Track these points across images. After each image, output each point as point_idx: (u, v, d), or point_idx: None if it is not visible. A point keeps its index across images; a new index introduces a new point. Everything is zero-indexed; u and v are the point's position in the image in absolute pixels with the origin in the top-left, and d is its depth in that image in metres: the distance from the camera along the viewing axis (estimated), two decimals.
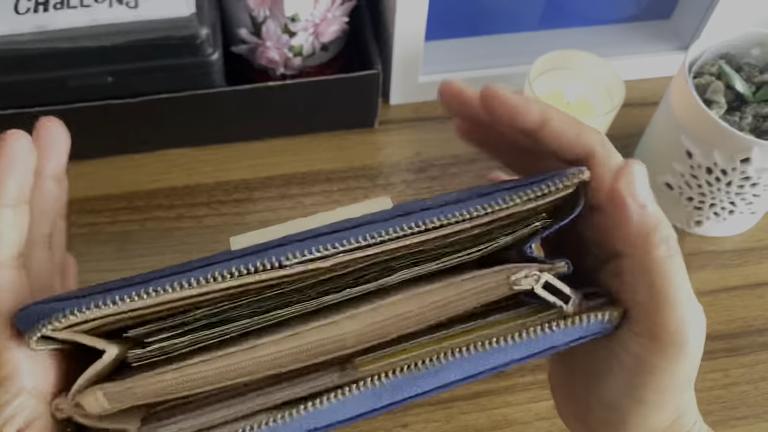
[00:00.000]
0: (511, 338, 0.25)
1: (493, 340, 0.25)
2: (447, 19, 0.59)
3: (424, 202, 0.25)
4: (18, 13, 0.47)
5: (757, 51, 0.50)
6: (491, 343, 0.25)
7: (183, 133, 0.55)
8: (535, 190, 0.25)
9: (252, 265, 0.23)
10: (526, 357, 0.25)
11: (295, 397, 0.24)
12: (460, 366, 0.25)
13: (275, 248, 0.24)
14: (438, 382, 0.25)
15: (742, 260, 0.52)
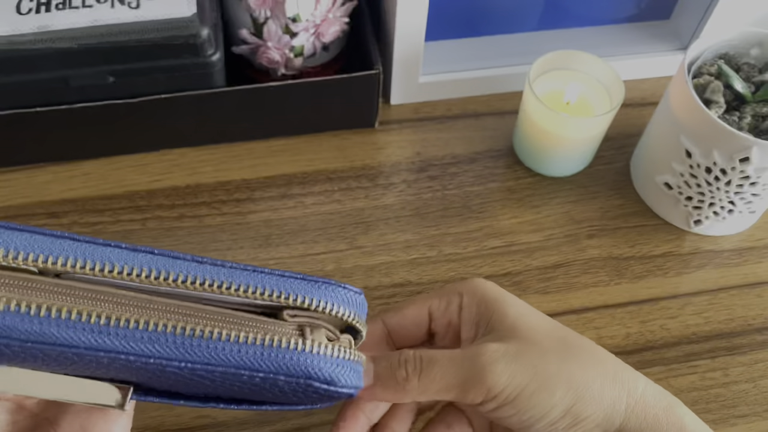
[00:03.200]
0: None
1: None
2: (447, 19, 0.59)
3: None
4: (20, 13, 0.47)
5: (756, 51, 0.50)
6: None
7: (184, 133, 0.55)
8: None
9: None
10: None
11: None
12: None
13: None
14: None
15: (741, 259, 0.53)
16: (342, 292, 0.27)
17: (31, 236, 0.25)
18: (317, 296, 0.26)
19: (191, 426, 0.44)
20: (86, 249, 0.25)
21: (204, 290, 0.25)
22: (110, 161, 0.55)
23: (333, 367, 0.26)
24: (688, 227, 0.53)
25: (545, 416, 0.30)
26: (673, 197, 0.52)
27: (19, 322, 0.24)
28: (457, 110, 0.60)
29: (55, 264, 0.24)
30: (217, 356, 0.24)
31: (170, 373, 0.25)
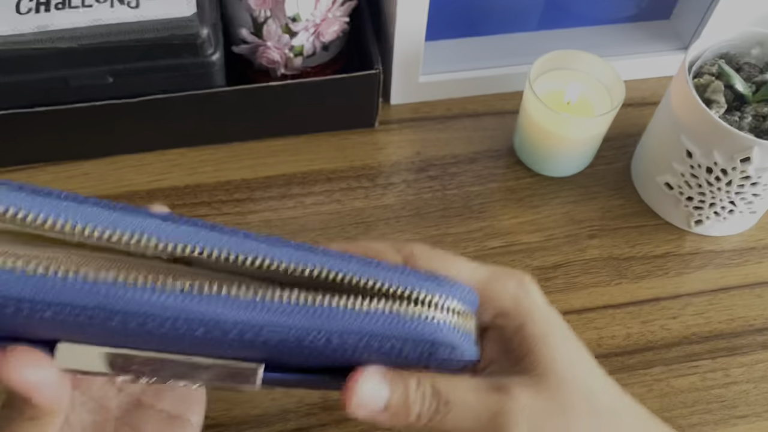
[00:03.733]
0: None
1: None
2: (447, 19, 0.59)
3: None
4: (19, 13, 0.47)
5: (757, 51, 0.50)
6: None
7: (183, 133, 0.55)
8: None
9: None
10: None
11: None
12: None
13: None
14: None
15: (742, 260, 0.53)
16: (456, 287, 0.26)
17: (152, 221, 0.24)
18: (439, 291, 0.25)
19: None
20: (210, 236, 0.24)
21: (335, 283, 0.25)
22: (109, 161, 0.55)
23: (458, 337, 0.25)
24: (688, 227, 0.53)
25: None
26: (673, 197, 0.52)
27: (164, 298, 0.23)
28: (457, 110, 0.59)
29: (181, 251, 0.24)
30: (355, 324, 0.24)
31: (301, 346, 0.24)
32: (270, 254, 0.24)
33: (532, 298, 0.29)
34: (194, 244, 0.24)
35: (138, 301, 0.22)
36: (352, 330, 0.24)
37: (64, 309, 0.22)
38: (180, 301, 0.23)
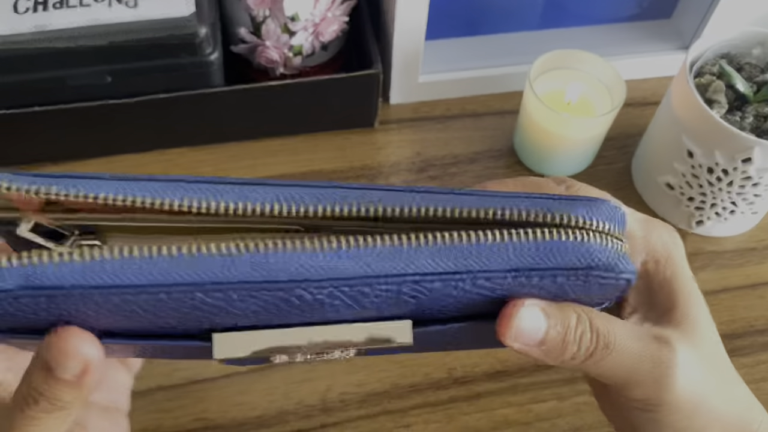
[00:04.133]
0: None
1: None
2: (447, 19, 0.59)
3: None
4: (17, 13, 0.47)
5: (758, 50, 0.50)
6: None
7: (182, 132, 0.55)
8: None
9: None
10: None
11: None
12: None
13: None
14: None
15: (743, 260, 0.52)
16: (606, 208, 0.24)
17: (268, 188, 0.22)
18: (585, 215, 0.23)
19: (189, 428, 0.43)
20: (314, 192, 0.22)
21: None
22: (108, 161, 0.55)
23: (614, 256, 0.23)
24: (689, 228, 0.53)
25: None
26: (674, 198, 0.52)
27: (306, 258, 0.21)
28: (457, 110, 0.59)
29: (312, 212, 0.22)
30: (503, 258, 0.22)
31: (445, 295, 0.22)
32: (428, 202, 0.22)
33: (681, 253, 0.29)
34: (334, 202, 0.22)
35: (302, 266, 0.21)
36: (508, 267, 0.22)
37: (233, 288, 0.21)
38: (337, 259, 0.21)
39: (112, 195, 0.21)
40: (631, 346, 0.26)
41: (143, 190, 0.21)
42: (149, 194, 0.21)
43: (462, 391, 0.45)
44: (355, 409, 0.44)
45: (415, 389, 0.45)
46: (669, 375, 0.26)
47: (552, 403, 0.45)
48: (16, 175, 0.21)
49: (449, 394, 0.45)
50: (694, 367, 0.27)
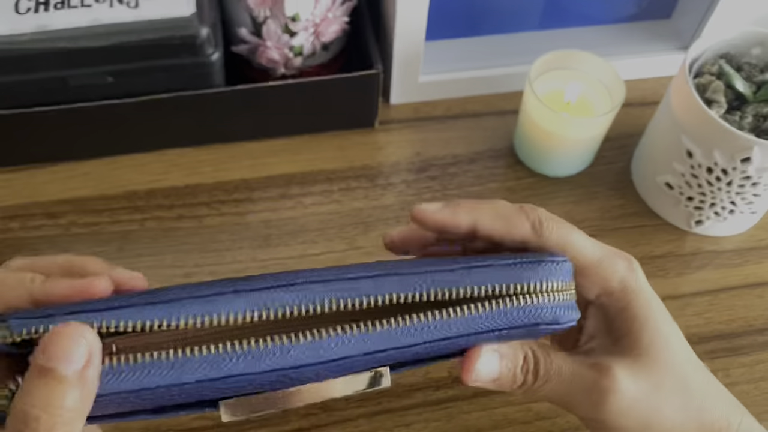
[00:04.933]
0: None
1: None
2: (447, 19, 0.59)
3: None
4: (18, 13, 0.47)
5: (758, 50, 0.50)
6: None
7: (183, 132, 0.55)
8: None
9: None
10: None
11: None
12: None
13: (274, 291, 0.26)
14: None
15: (742, 260, 0.52)
16: (553, 267, 0.29)
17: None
18: (534, 280, 0.28)
19: (191, 427, 0.43)
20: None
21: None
22: (109, 161, 0.55)
23: (558, 310, 0.28)
24: (688, 227, 0.53)
25: None
26: (674, 197, 0.52)
27: (314, 349, 0.26)
28: (457, 110, 0.59)
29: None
30: (471, 327, 0.27)
31: (422, 350, 0.27)
32: (384, 290, 0.27)
33: (638, 282, 0.31)
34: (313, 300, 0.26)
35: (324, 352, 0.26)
36: (467, 332, 0.27)
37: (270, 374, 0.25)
38: (356, 342, 0.26)
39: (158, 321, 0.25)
40: (566, 377, 0.30)
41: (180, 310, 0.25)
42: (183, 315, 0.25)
43: (462, 390, 0.45)
44: (355, 407, 0.44)
45: (416, 388, 0.45)
46: (604, 401, 0.29)
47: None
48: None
49: (449, 393, 0.45)
50: (636, 391, 0.29)
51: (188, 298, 0.25)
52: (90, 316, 0.24)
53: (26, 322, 0.24)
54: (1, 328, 0.24)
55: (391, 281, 0.27)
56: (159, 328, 0.24)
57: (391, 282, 0.27)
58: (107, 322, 0.24)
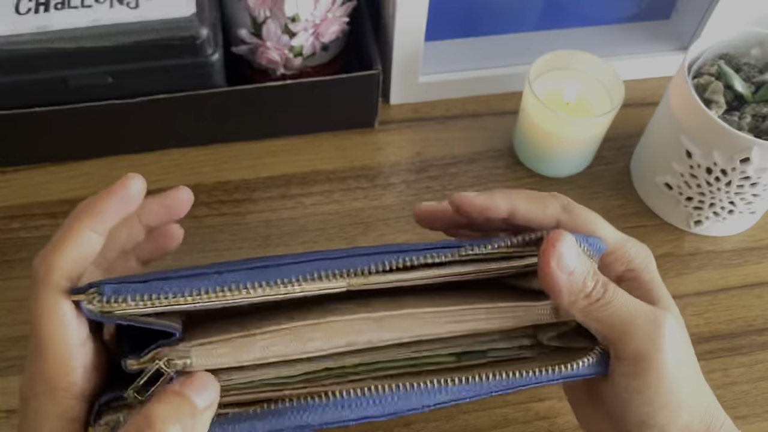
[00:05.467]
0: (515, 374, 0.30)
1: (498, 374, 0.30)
2: (447, 19, 0.59)
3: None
4: (19, 13, 0.47)
5: (757, 51, 0.50)
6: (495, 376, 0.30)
7: (183, 133, 0.55)
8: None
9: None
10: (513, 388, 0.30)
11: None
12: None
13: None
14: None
15: (741, 260, 0.53)
16: (584, 238, 0.31)
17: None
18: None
19: None
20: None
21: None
22: (109, 161, 0.55)
23: (586, 371, 0.31)
24: (688, 228, 0.53)
25: (653, 410, 0.31)
26: (673, 197, 0.52)
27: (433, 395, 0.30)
28: (457, 110, 0.59)
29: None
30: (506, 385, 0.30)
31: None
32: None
33: (654, 266, 0.34)
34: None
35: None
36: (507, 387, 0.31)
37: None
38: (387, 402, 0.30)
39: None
40: (630, 302, 0.31)
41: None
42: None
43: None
44: None
45: None
46: (660, 334, 0.30)
47: (551, 402, 0.45)
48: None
49: None
50: (679, 338, 0.31)
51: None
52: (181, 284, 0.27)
53: (117, 287, 0.26)
54: (92, 295, 0.26)
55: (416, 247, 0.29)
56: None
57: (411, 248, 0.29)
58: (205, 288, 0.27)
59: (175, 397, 0.26)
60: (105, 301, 0.26)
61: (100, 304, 0.26)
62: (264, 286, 0.27)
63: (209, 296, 0.26)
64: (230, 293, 0.27)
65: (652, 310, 0.31)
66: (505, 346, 0.32)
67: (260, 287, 0.27)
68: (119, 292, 0.26)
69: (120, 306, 0.26)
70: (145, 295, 0.26)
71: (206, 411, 0.26)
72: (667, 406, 0.30)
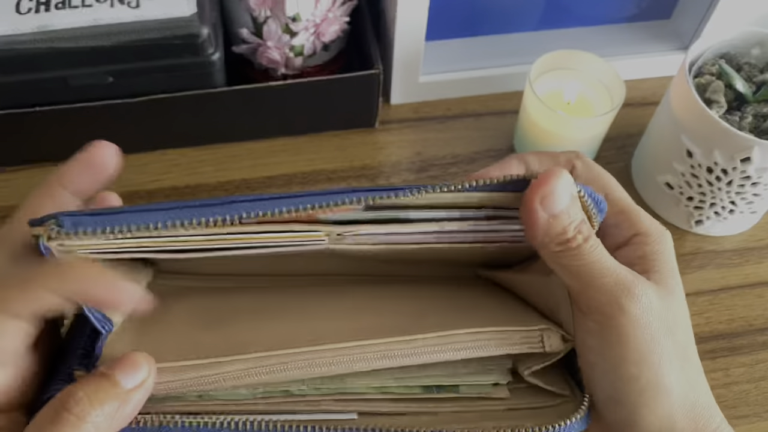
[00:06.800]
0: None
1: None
2: (447, 19, 0.59)
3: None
4: (19, 13, 0.47)
5: (757, 50, 0.50)
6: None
7: (184, 132, 0.55)
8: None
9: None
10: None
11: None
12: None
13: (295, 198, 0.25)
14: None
15: (742, 259, 0.53)
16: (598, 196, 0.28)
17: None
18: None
19: None
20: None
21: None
22: None
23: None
24: (689, 227, 0.53)
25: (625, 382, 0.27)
26: (674, 197, 0.52)
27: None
28: (458, 110, 0.59)
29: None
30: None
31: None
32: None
33: (671, 246, 0.31)
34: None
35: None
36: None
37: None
38: None
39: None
40: (606, 261, 0.28)
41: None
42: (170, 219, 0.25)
43: None
44: None
45: None
46: (629, 298, 0.27)
47: None
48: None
49: None
50: (655, 311, 0.27)
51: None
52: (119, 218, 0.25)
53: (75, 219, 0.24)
54: (50, 226, 0.24)
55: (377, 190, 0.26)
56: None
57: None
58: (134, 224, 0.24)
59: (99, 378, 0.24)
60: (65, 234, 0.24)
61: (59, 238, 0.24)
62: (228, 221, 0.25)
63: (169, 230, 0.24)
64: (194, 227, 0.25)
65: (629, 275, 0.28)
66: (479, 381, 0.28)
67: (224, 222, 0.24)
68: (79, 224, 0.24)
69: (80, 239, 0.24)
70: (107, 228, 0.24)
71: (134, 392, 0.25)
72: (636, 381, 0.27)
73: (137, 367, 0.25)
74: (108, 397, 0.24)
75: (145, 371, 0.25)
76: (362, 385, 0.27)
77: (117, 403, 0.24)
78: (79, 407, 0.23)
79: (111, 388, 0.24)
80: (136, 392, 0.25)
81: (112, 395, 0.24)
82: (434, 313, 0.28)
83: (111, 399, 0.24)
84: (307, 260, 0.29)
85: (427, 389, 0.28)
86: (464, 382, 0.28)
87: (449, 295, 0.31)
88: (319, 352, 0.25)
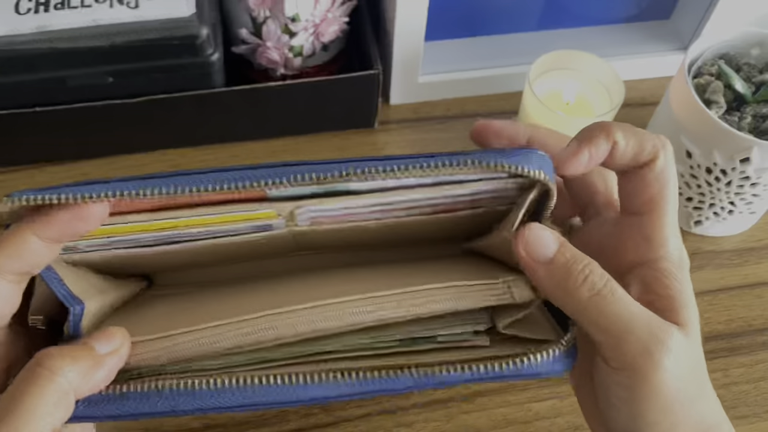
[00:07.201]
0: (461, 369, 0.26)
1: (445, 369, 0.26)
2: (447, 19, 0.59)
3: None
4: (18, 13, 0.47)
5: (757, 51, 0.50)
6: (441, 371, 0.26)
7: (183, 133, 0.55)
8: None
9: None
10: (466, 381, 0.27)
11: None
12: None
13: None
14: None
15: (741, 260, 0.53)
16: (535, 156, 0.27)
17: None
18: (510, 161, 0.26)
19: (192, 426, 0.43)
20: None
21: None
22: (109, 161, 0.55)
23: (542, 369, 0.27)
24: (688, 228, 0.53)
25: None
26: None
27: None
28: (457, 110, 0.59)
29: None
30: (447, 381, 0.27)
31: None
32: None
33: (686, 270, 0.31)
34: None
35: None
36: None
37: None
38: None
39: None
40: (633, 305, 0.26)
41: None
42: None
43: (461, 389, 0.45)
44: (355, 407, 0.44)
45: None
46: (660, 350, 0.26)
47: (551, 402, 0.45)
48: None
49: (449, 393, 0.45)
50: (684, 354, 0.27)
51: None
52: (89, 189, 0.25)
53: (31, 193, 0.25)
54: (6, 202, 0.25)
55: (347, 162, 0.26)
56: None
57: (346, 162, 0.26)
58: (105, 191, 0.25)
59: (75, 343, 0.26)
60: (12, 203, 0.25)
61: (9, 206, 0.25)
62: (164, 192, 0.25)
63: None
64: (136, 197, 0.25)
65: (658, 323, 0.27)
66: (458, 331, 0.28)
67: (161, 193, 0.25)
68: (24, 193, 0.25)
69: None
70: (46, 195, 0.25)
71: (109, 357, 0.26)
72: (658, 425, 0.27)
73: (111, 336, 0.26)
74: (81, 357, 0.25)
75: (119, 340, 0.26)
76: (337, 346, 0.27)
77: (90, 362, 0.25)
78: (52, 361, 0.24)
79: (85, 350, 0.26)
80: (110, 357, 0.26)
81: (86, 356, 0.25)
82: (404, 277, 0.28)
83: (84, 359, 0.25)
84: (283, 259, 0.30)
85: (404, 342, 0.28)
86: (441, 333, 0.28)
87: (427, 267, 0.31)
88: (285, 314, 0.26)
